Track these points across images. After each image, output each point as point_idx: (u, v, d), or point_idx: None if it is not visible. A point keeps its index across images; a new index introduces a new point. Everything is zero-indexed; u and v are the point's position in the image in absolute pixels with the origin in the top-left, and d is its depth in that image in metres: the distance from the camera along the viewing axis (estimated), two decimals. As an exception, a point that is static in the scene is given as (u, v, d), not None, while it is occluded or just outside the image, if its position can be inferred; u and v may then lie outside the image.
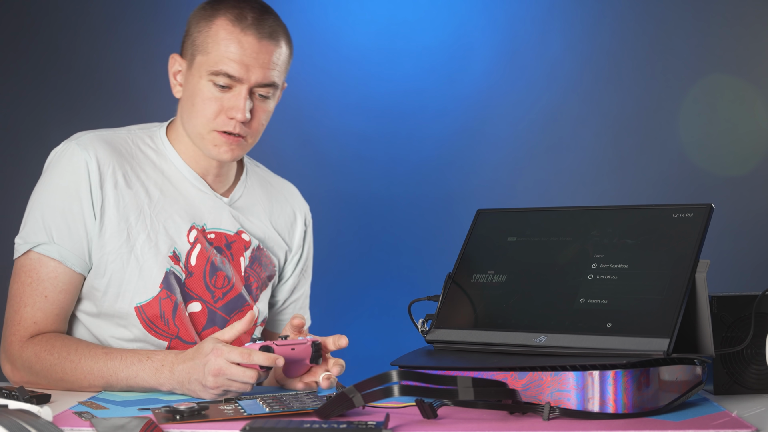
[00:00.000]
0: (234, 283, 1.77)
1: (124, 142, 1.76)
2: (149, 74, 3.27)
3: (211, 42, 1.67)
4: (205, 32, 1.69)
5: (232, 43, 1.66)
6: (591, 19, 3.30)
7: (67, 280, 1.67)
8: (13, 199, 3.29)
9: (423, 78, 3.27)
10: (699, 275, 1.40)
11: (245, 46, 1.66)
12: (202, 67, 1.68)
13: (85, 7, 3.27)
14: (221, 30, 1.67)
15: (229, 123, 1.68)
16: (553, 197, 3.25)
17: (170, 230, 1.72)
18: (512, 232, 1.61)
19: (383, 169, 3.13)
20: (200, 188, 1.77)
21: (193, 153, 1.76)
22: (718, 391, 1.54)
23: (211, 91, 1.67)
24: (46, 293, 1.66)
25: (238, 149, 1.72)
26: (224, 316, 1.76)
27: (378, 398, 1.28)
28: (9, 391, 1.39)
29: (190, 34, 1.72)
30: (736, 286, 1.83)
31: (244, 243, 1.79)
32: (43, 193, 1.71)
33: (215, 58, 1.66)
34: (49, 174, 1.72)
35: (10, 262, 1.71)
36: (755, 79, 3.27)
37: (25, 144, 3.26)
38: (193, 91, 1.70)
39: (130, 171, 1.72)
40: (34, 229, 1.69)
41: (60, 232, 1.67)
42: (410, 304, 1.64)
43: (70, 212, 1.67)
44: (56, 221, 1.67)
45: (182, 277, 1.72)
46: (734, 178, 3.24)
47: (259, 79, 1.67)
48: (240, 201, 1.83)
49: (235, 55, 1.65)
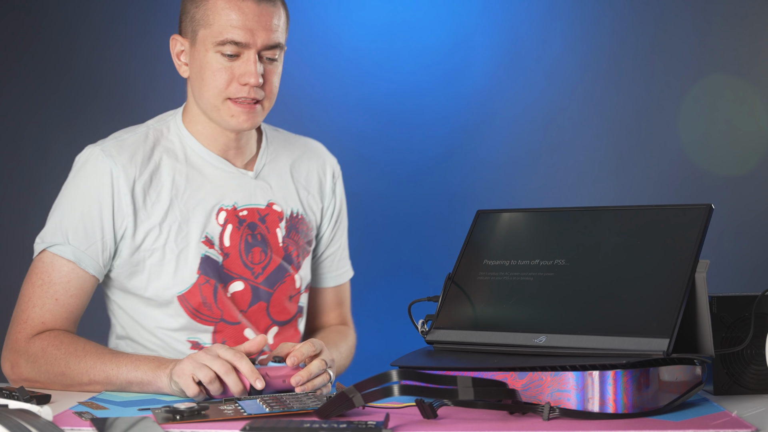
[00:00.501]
0: (271, 257, 1.79)
1: (145, 140, 1.77)
2: (149, 74, 3.27)
3: (211, 14, 1.68)
4: (203, 6, 1.69)
5: (232, 11, 1.67)
6: (591, 19, 3.30)
7: (79, 285, 1.70)
8: (13, 199, 3.30)
9: (423, 78, 3.27)
10: (699, 275, 1.40)
11: (246, 12, 1.67)
12: (206, 40, 1.69)
13: (85, 7, 3.27)
14: (219, 1, 1.68)
15: (243, 89, 1.70)
16: (553, 197, 3.25)
17: (199, 216, 1.75)
18: (512, 232, 1.61)
19: (383, 169, 3.13)
20: (223, 168, 1.79)
21: (210, 132, 1.77)
22: (718, 392, 1.54)
23: (219, 62, 1.69)
24: (56, 296, 1.68)
25: (255, 116, 1.73)
26: (268, 290, 1.79)
27: (378, 398, 1.28)
28: (9, 392, 1.39)
29: (187, 11, 1.73)
30: (736, 286, 1.83)
31: (277, 215, 1.82)
32: (64, 197, 1.74)
33: (218, 29, 1.67)
34: (73, 179, 1.75)
35: (10, 261, 1.72)
36: (755, 79, 3.27)
37: (25, 144, 3.26)
38: (201, 65, 1.71)
39: (154, 168, 1.75)
40: (52, 230, 1.71)
41: (76, 233, 1.69)
42: (410, 304, 1.64)
43: (88, 215, 1.70)
44: (74, 223, 1.70)
45: (219, 259, 1.75)
46: (734, 178, 3.23)
47: (265, 41, 1.68)
48: (265, 170, 1.84)
49: (238, 21, 1.67)
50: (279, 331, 1.83)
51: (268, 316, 1.81)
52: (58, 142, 3.23)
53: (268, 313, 1.81)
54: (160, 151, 1.77)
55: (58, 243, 1.69)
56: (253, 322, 1.79)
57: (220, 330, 1.76)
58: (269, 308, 1.81)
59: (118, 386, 1.58)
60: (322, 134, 1.92)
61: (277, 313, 1.82)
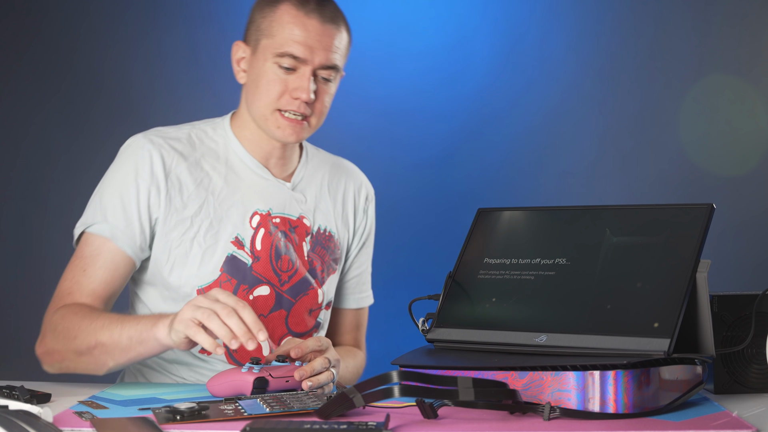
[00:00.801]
0: (297, 267, 1.82)
1: (188, 137, 1.81)
2: (149, 74, 3.27)
3: (276, 26, 1.73)
4: (269, 17, 1.74)
5: (296, 27, 1.71)
6: (591, 19, 3.30)
7: (110, 258, 1.72)
8: (13, 199, 3.30)
9: (423, 78, 3.27)
10: (700, 275, 1.40)
11: (309, 29, 1.71)
12: (267, 50, 1.73)
13: (85, 7, 3.27)
14: (285, 14, 1.72)
15: (293, 103, 1.73)
16: (554, 197, 3.25)
17: (233, 217, 1.77)
18: (513, 231, 1.61)
19: (383, 169, 3.13)
20: (262, 176, 1.82)
21: (256, 138, 1.81)
22: (719, 391, 1.54)
23: (275, 73, 1.73)
24: (84, 267, 1.71)
25: (302, 131, 1.77)
26: (290, 299, 1.81)
27: (378, 398, 1.28)
28: (9, 390, 1.39)
29: (254, 20, 1.78)
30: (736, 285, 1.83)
31: (305, 228, 1.85)
32: (105, 182, 1.78)
33: (280, 41, 1.71)
34: (114, 164, 1.79)
35: (11, 261, 1.72)
36: (755, 79, 3.27)
37: (25, 144, 3.26)
38: (258, 73, 1.75)
39: (194, 163, 1.78)
40: (92, 212, 1.75)
41: (115, 213, 1.73)
42: (411, 303, 1.64)
43: (126, 194, 1.73)
44: (113, 203, 1.73)
45: (248, 261, 1.77)
46: (734, 178, 3.23)
47: (322, 60, 1.72)
48: (302, 183, 1.87)
49: (300, 37, 1.71)
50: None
51: (286, 325, 1.82)
52: (58, 142, 3.24)
53: (287, 323, 1.82)
54: (202, 150, 1.80)
55: (96, 222, 1.73)
56: (270, 328, 1.79)
57: None
58: (288, 318, 1.82)
59: (121, 346, 1.56)
60: (323, 134, 1.92)
61: (296, 324, 1.83)
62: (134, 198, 1.73)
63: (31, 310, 3.29)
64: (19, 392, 1.39)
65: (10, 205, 3.26)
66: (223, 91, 3.22)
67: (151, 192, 1.73)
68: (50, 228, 3.26)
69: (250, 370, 1.47)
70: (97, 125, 3.25)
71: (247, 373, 1.46)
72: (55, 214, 3.25)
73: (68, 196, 3.26)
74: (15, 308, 3.28)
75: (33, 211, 3.26)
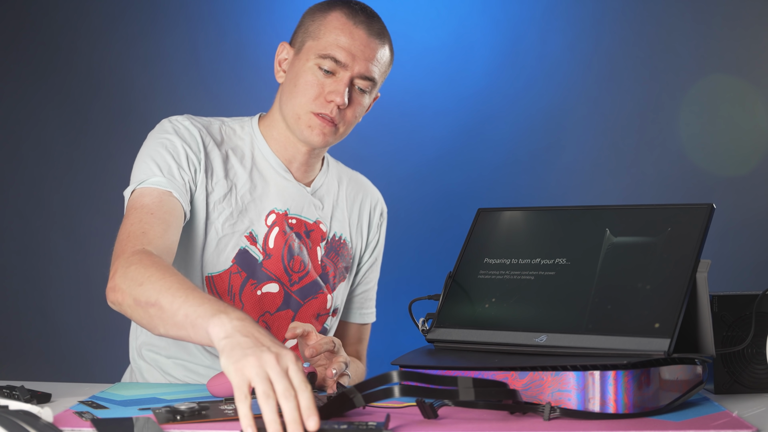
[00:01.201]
0: (309, 270, 1.84)
1: (218, 129, 1.83)
2: (149, 74, 3.27)
3: (323, 29, 1.77)
4: (319, 21, 1.78)
5: (343, 33, 1.76)
6: (591, 19, 3.30)
7: (171, 206, 1.68)
8: (12, 199, 3.30)
9: (423, 78, 3.27)
10: (700, 275, 1.40)
11: (355, 37, 1.76)
12: (311, 50, 1.76)
13: (85, 7, 3.27)
14: (335, 20, 1.77)
15: (327, 106, 1.75)
16: (553, 197, 3.25)
17: (251, 212, 1.79)
18: (513, 231, 1.61)
19: (383, 169, 3.13)
20: (285, 176, 1.84)
21: (283, 140, 1.83)
22: (719, 391, 1.54)
23: (315, 75, 1.75)
24: (151, 211, 1.66)
25: (330, 135, 1.78)
26: (299, 300, 1.82)
27: (378, 398, 1.28)
28: (9, 390, 1.39)
29: (303, 23, 1.81)
30: (736, 285, 1.83)
31: (321, 233, 1.87)
32: (148, 147, 1.75)
33: (325, 43, 1.75)
34: (154, 134, 1.77)
35: (11, 261, 1.71)
36: (755, 79, 3.27)
37: (25, 144, 3.26)
38: (297, 73, 1.77)
39: (225, 153, 1.80)
40: (143, 170, 1.72)
41: (170, 168, 1.72)
42: (411, 303, 1.64)
43: (176, 153, 1.74)
44: (165, 160, 1.73)
45: (259, 258, 1.79)
46: (734, 178, 3.24)
47: (362, 70, 1.76)
48: (321, 190, 1.90)
49: (345, 43, 1.75)
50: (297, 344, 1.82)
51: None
52: (58, 142, 3.24)
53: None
54: (230, 144, 1.83)
55: (150, 176, 1.70)
56: (276, 327, 1.80)
57: None
58: (295, 319, 1.83)
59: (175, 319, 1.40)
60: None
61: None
62: (185, 159, 1.74)
63: (32, 310, 3.31)
64: (19, 392, 1.39)
65: (10, 205, 3.26)
66: (223, 91, 3.22)
67: (194, 161, 1.75)
68: (50, 228, 3.26)
69: None
70: (97, 125, 3.25)
71: None
72: (55, 214, 3.25)
73: (68, 196, 3.27)
74: (15, 308, 3.29)
75: (33, 211, 3.27)
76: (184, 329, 1.39)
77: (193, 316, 1.36)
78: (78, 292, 3.27)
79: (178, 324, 1.40)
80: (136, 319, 1.50)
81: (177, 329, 1.41)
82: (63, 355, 3.27)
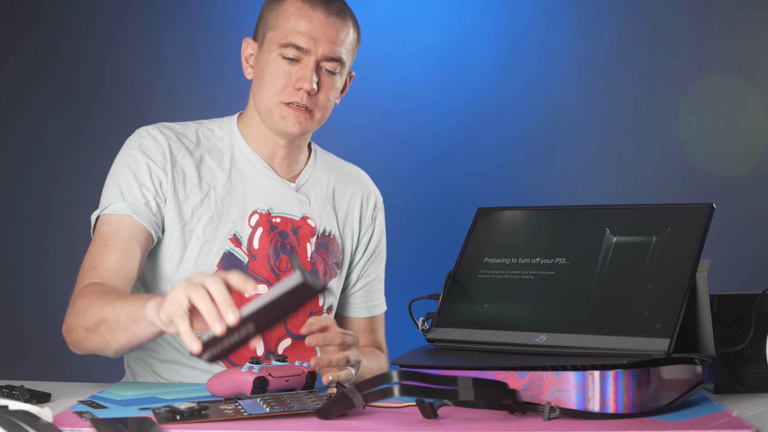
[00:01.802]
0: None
1: (195, 133, 1.82)
2: (149, 74, 3.27)
3: (281, 18, 1.75)
4: (276, 11, 1.76)
5: (301, 18, 1.73)
6: (591, 19, 3.30)
7: (130, 232, 1.70)
8: (12, 199, 3.30)
9: (423, 78, 3.27)
10: (700, 275, 1.40)
11: (313, 20, 1.73)
12: (272, 42, 1.75)
13: (85, 7, 3.27)
14: (291, 6, 1.74)
15: (297, 94, 1.74)
16: (553, 197, 3.25)
17: (233, 214, 1.78)
18: (513, 230, 1.61)
19: (383, 169, 3.13)
20: (267, 174, 1.83)
21: (261, 136, 1.82)
22: (719, 391, 1.54)
23: (280, 65, 1.74)
24: (106, 242, 1.69)
25: (305, 122, 1.76)
26: None
27: (378, 398, 1.28)
28: (9, 390, 1.39)
29: (262, 15, 1.80)
30: (736, 285, 1.83)
31: (310, 229, 1.84)
32: (115, 167, 1.77)
33: (284, 32, 1.73)
34: (123, 151, 1.78)
35: (11, 261, 1.71)
36: (755, 79, 3.27)
37: (25, 144, 3.26)
38: (263, 66, 1.76)
39: (199, 159, 1.79)
40: (106, 196, 1.74)
41: (131, 190, 1.72)
42: (411, 302, 1.64)
43: (140, 174, 1.73)
44: (128, 181, 1.73)
45: (245, 260, 1.77)
46: (734, 178, 3.24)
47: (326, 52, 1.73)
48: (307, 185, 1.87)
49: (304, 28, 1.73)
50: (292, 344, 1.82)
51: (285, 327, 1.81)
52: (58, 142, 3.24)
53: (285, 325, 1.81)
54: (207, 146, 1.81)
55: (113, 202, 1.72)
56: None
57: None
58: (287, 320, 1.80)
59: (120, 323, 1.50)
60: (322, 134, 1.92)
61: (294, 325, 1.81)
62: (147, 177, 1.73)
63: (31, 310, 3.31)
64: (19, 392, 1.39)
65: (10, 205, 3.26)
66: (223, 91, 3.22)
67: (160, 174, 1.74)
68: (50, 228, 3.26)
69: (250, 369, 1.47)
70: (97, 125, 3.25)
71: (247, 373, 1.46)
72: (55, 214, 3.25)
73: (68, 196, 3.27)
74: (15, 308, 3.28)
75: (33, 211, 3.27)
76: (129, 329, 1.48)
77: (132, 313, 1.46)
78: (78, 292, 3.26)
79: (123, 327, 1.49)
80: (91, 345, 1.59)
81: (124, 332, 1.50)
82: (63, 355, 3.26)
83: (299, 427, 1.27)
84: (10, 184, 3.27)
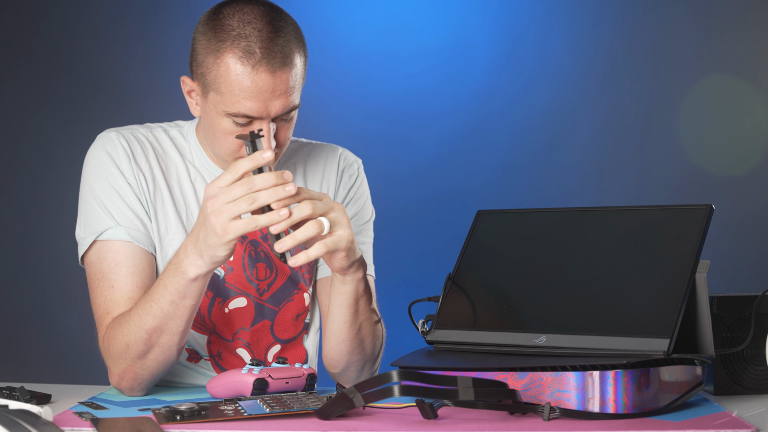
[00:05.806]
0: (276, 274, 1.73)
1: (157, 141, 1.72)
2: (149, 74, 3.27)
3: (222, 82, 1.54)
4: (214, 71, 1.55)
5: (244, 87, 1.53)
6: (591, 19, 3.31)
7: (132, 262, 1.62)
8: (12, 199, 3.30)
9: (423, 78, 3.27)
10: (699, 276, 1.40)
11: (259, 84, 1.53)
12: (218, 105, 1.56)
13: (85, 7, 3.27)
14: (230, 70, 1.53)
15: None
16: (553, 197, 3.25)
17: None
18: (512, 232, 1.61)
19: (383, 169, 3.13)
20: None
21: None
22: (719, 392, 1.54)
23: (232, 127, 1.57)
24: (111, 283, 1.61)
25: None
26: (273, 308, 1.73)
27: (378, 398, 1.28)
28: (9, 391, 1.39)
29: (197, 60, 1.59)
30: (736, 286, 1.83)
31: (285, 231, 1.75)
32: (91, 184, 1.66)
33: (230, 100, 1.54)
34: (90, 165, 1.67)
35: (11, 261, 1.71)
36: (755, 79, 3.27)
37: (25, 144, 3.26)
38: (212, 124, 1.60)
39: (165, 169, 1.69)
40: (95, 218, 1.64)
41: (120, 210, 1.64)
42: (410, 304, 1.64)
43: (121, 191, 1.64)
44: (113, 201, 1.63)
45: (221, 273, 1.69)
46: (734, 178, 3.24)
47: (278, 110, 1.56)
48: None
49: (250, 94, 1.54)
50: (282, 349, 1.77)
51: (272, 334, 1.75)
52: (58, 142, 3.24)
53: (272, 332, 1.75)
54: (172, 156, 1.71)
55: (109, 227, 1.63)
56: (255, 340, 1.73)
57: (214, 341, 1.71)
58: (273, 326, 1.75)
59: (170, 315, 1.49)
60: (323, 134, 1.92)
61: (282, 331, 1.76)
62: (129, 191, 1.64)
63: (32, 311, 3.31)
64: (19, 393, 1.39)
65: (10, 205, 3.26)
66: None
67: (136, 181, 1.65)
68: (50, 228, 3.26)
69: (249, 371, 1.47)
70: (97, 125, 3.22)
71: (247, 375, 1.46)
72: (55, 214, 3.25)
73: (68, 196, 3.26)
74: (15, 308, 3.29)
75: (33, 211, 3.27)
76: (182, 309, 1.50)
77: (174, 293, 1.48)
78: (78, 292, 3.26)
79: (174, 315, 1.50)
80: (155, 366, 1.56)
81: (180, 320, 1.51)
82: (63, 356, 3.27)
83: (299, 427, 1.27)
84: (10, 184, 3.27)
